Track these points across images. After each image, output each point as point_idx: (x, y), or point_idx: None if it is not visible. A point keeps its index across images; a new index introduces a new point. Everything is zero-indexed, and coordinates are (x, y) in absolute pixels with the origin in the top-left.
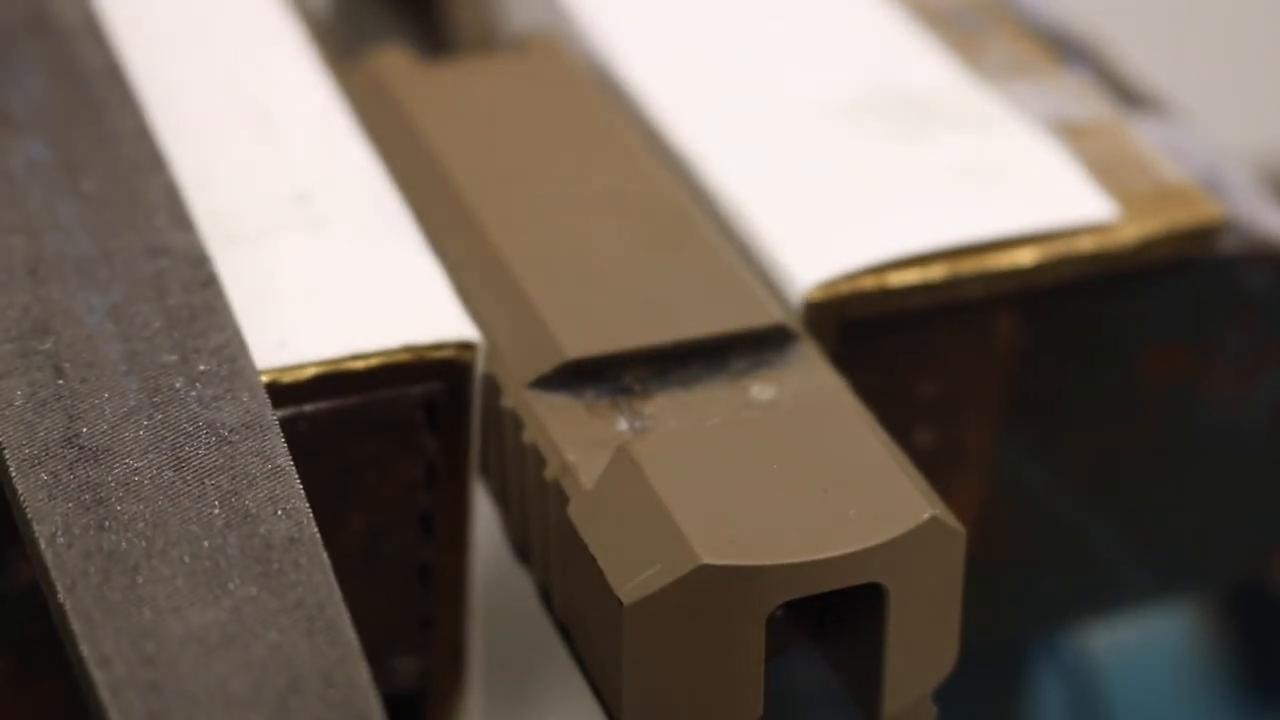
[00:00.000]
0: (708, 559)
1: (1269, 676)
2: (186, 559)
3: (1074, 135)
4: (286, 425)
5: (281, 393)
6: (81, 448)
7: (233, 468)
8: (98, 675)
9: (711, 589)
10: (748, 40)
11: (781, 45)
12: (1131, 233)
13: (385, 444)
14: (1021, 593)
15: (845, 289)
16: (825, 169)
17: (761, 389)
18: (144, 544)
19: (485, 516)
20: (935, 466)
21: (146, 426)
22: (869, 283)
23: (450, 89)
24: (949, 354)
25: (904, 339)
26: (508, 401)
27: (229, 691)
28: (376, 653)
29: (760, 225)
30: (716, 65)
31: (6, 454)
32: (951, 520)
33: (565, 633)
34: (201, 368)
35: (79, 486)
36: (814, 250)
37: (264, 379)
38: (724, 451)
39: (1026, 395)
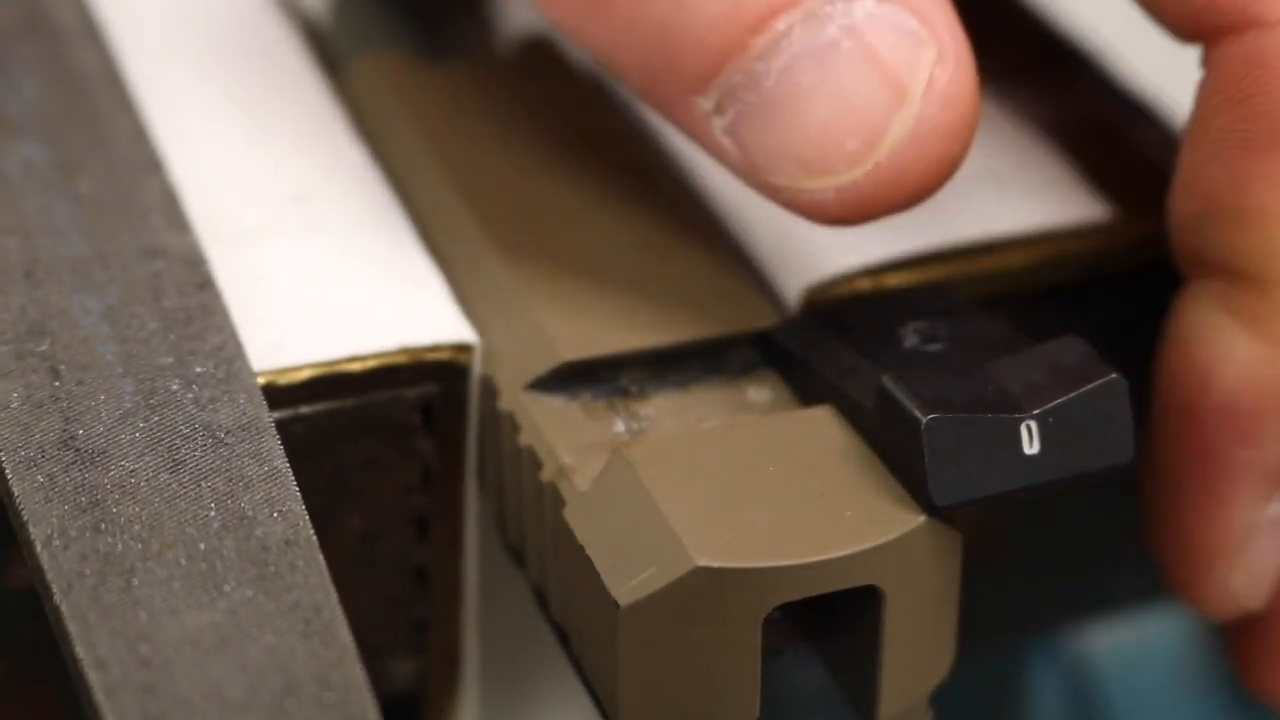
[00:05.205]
0: (703, 561)
1: None
2: (182, 561)
3: (1072, 135)
4: (283, 427)
5: (278, 395)
6: (78, 450)
7: (229, 470)
8: (93, 677)
9: (707, 591)
10: None
11: None
12: (1129, 234)
13: (381, 446)
14: (1019, 594)
15: (841, 291)
16: None
17: (758, 391)
18: (140, 546)
19: (481, 519)
20: None
21: (143, 429)
22: (865, 284)
23: (448, 90)
24: None
25: None
26: (504, 404)
27: (224, 694)
28: (373, 655)
29: (756, 227)
30: None
31: (3, 456)
32: (948, 523)
33: (561, 635)
34: (198, 370)
35: (75, 489)
36: (810, 252)
37: (260, 381)
38: (720, 453)
39: None
